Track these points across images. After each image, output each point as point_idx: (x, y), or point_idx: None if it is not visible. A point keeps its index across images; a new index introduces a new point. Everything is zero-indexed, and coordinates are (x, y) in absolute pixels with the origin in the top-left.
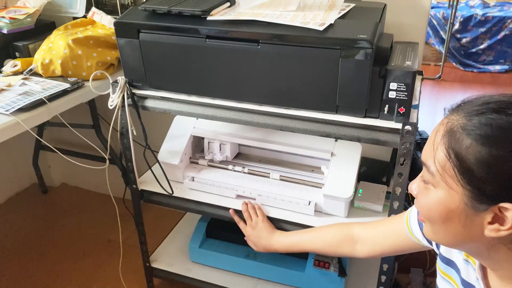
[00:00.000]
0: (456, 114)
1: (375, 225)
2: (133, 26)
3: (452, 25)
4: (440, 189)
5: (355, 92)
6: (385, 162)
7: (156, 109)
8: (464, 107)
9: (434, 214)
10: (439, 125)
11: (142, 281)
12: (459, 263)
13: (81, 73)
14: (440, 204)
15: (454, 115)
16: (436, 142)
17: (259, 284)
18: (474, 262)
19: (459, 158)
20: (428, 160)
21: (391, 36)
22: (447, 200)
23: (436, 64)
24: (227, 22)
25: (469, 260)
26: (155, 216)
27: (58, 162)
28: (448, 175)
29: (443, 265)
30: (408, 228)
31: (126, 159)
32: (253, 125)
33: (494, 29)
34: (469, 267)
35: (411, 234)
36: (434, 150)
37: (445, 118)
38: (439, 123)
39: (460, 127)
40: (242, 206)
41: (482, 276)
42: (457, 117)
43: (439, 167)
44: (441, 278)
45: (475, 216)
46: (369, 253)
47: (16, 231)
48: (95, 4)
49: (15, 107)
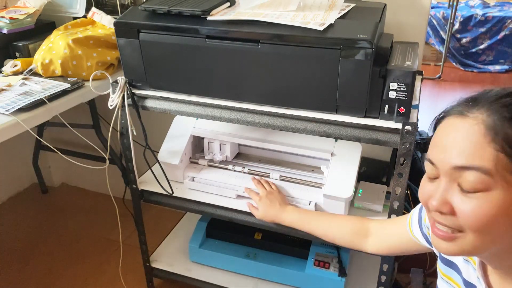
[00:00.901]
0: (480, 111)
1: (386, 223)
2: (133, 26)
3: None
4: (498, 190)
5: (355, 92)
6: (385, 162)
7: (156, 109)
8: (483, 103)
9: (496, 221)
10: (463, 126)
11: (142, 281)
12: (460, 263)
13: (81, 73)
14: (504, 205)
15: (477, 112)
16: (477, 140)
17: (259, 284)
18: (474, 262)
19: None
20: (472, 161)
21: (391, 36)
22: (510, 198)
23: (436, 64)
24: (227, 22)
25: (469, 260)
26: (155, 216)
27: (58, 162)
28: (505, 169)
29: (443, 267)
30: (409, 229)
31: (126, 159)
32: (253, 125)
33: (494, 29)
34: (469, 266)
35: (412, 233)
36: (479, 149)
37: (464, 118)
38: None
39: (500, 121)
40: (253, 180)
41: (482, 274)
42: (485, 113)
43: (493, 164)
44: (442, 279)
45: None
46: (378, 249)
47: (16, 231)
48: (95, 4)
49: (15, 107)
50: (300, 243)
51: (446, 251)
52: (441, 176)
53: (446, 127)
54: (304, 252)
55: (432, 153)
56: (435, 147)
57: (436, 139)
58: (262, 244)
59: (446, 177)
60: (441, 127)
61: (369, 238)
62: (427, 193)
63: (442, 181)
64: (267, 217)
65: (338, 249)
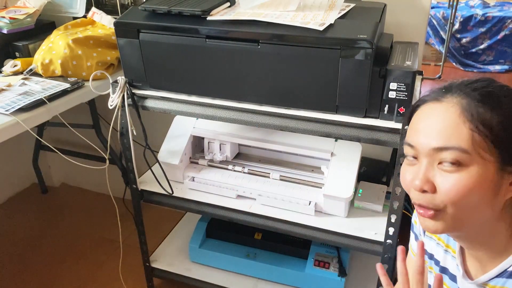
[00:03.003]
0: (453, 96)
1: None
2: (133, 26)
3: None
4: (474, 166)
5: (355, 92)
6: (385, 162)
7: (156, 109)
8: (455, 89)
9: (474, 194)
10: (440, 110)
11: (142, 281)
12: (439, 255)
13: (81, 73)
14: (481, 180)
15: (451, 97)
16: (453, 121)
17: (259, 284)
18: (453, 251)
19: (487, 127)
20: (450, 142)
21: (391, 36)
22: (485, 173)
23: (436, 64)
24: (227, 22)
25: (448, 249)
26: (155, 216)
27: (58, 162)
28: (480, 147)
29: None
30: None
31: (126, 159)
32: (253, 125)
33: (494, 29)
34: (448, 255)
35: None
36: (456, 129)
37: (440, 102)
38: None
39: (473, 103)
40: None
41: (461, 262)
42: (458, 97)
43: (469, 143)
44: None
45: (503, 181)
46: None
47: (16, 231)
48: (95, 4)
49: (15, 107)
50: (300, 243)
51: (433, 229)
52: (421, 158)
53: (423, 112)
54: (304, 252)
55: (412, 137)
56: (414, 131)
57: (414, 124)
58: (262, 244)
59: (426, 158)
60: (418, 113)
61: None
62: (409, 176)
63: (423, 162)
64: None
65: (338, 249)
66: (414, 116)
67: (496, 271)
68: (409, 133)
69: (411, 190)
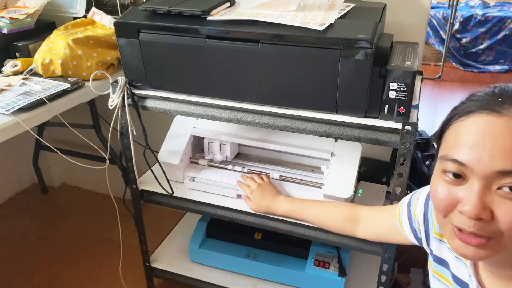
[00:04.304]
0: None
1: (376, 211)
2: (133, 26)
3: (452, 25)
4: None
5: (355, 92)
6: (385, 162)
7: (156, 109)
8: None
9: None
10: (504, 126)
11: (142, 281)
12: (451, 261)
13: (81, 73)
14: None
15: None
16: None
17: (259, 284)
18: (465, 259)
19: None
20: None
21: (391, 36)
22: None
23: (436, 64)
24: (227, 22)
25: (460, 257)
26: (155, 216)
27: (58, 162)
28: None
29: (435, 265)
30: (399, 221)
31: (126, 159)
32: (253, 125)
33: (494, 29)
34: (461, 264)
35: (401, 227)
36: None
37: (500, 115)
38: (497, 123)
39: None
40: (242, 177)
41: (473, 272)
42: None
43: None
44: (434, 277)
45: None
46: (367, 236)
47: (16, 231)
48: (95, 4)
49: (15, 107)
50: (300, 243)
51: (474, 257)
52: (473, 179)
53: (477, 125)
54: (304, 252)
55: (461, 153)
56: (464, 146)
57: (464, 138)
58: (262, 244)
59: (482, 181)
60: (467, 125)
61: (359, 224)
62: (452, 198)
63: (476, 185)
64: (260, 209)
65: (338, 249)
66: (458, 127)
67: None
68: (453, 147)
69: (455, 213)
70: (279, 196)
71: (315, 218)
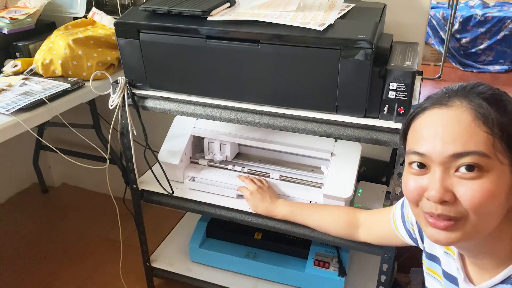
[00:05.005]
0: (460, 100)
1: (374, 215)
2: (133, 26)
3: (451, 25)
4: (494, 170)
5: (355, 92)
6: (385, 162)
7: (156, 109)
8: (460, 94)
9: (496, 199)
10: (451, 115)
11: (142, 281)
12: (441, 256)
13: (82, 73)
14: (500, 184)
15: (458, 101)
16: (469, 126)
17: (259, 284)
18: (453, 253)
19: (501, 130)
20: (470, 146)
21: (391, 36)
22: (504, 176)
23: (436, 64)
24: (227, 22)
25: (448, 252)
26: (155, 216)
27: (58, 162)
28: (498, 150)
29: (428, 261)
30: (393, 224)
31: (126, 159)
32: (253, 125)
33: (494, 29)
34: (450, 259)
35: (396, 230)
36: (473, 134)
37: (447, 107)
38: (445, 114)
39: (484, 107)
40: (239, 178)
41: (461, 265)
42: (465, 101)
43: (488, 146)
44: (427, 274)
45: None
46: (367, 239)
47: (16, 231)
48: (96, 4)
49: (16, 107)
50: (300, 243)
51: (447, 241)
52: (433, 166)
53: (429, 118)
54: (304, 252)
55: (419, 145)
56: (420, 139)
57: (419, 132)
58: (262, 244)
59: (441, 166)
60: (421, 121)
61: (359, 228)
62: (419, 187)
63: (436, 171)
64: (258, 210)
65: (338, 249)
66: (415, 124)
67: (500, 278)
68: (413, 142)
69: (424, 201)
70: (278, 199)
71: (315, 223)
